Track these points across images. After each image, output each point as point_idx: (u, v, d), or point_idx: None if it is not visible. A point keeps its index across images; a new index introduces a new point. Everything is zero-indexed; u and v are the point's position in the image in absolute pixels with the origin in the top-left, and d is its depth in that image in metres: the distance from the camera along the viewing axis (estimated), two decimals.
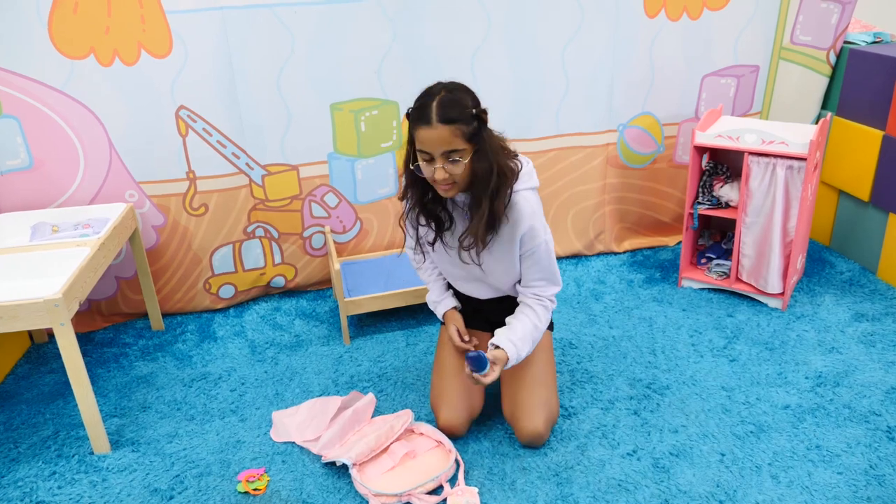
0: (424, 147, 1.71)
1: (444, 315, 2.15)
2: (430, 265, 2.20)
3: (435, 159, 1.71)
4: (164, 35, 2.39)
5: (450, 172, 1.73)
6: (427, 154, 1.72)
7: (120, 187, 2.57)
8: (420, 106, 1.73)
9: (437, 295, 2.18)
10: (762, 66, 3.00)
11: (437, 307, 2.17)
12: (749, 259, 2.69)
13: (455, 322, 2.12)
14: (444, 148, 1.69)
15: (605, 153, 2.97)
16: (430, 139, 1.69)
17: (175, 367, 2.52)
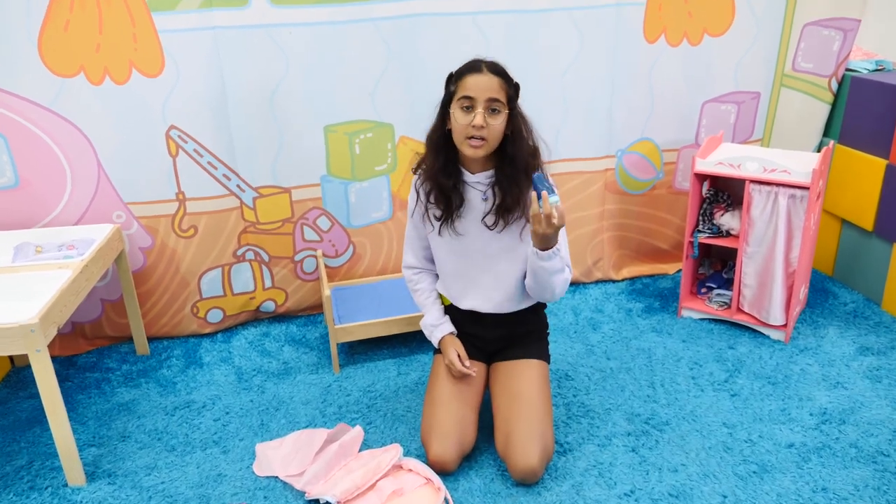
0: (469, 92, 1.78)
1: (442, 340, 2.08)
2: (427, 285, 2.14)
3: (477, 105, 1.77)
4: (156, 54, 2.34)
5: (488, 123, 1.78)
6: (470, 100, 1.78)
7: (107, 208, 2.51)
8: (469, 62, 1.84)
9: (434, 318, 2.11)
10: (763, 92, 2.96)
11: (433, 331, 2.10)
12: (750, 289, 2.62)
13: (454, 346, 2.05)
14: (489, 94, 1.77)
15: (604, 179, 2.92)
16: (479, 84, 1.77)
17: (158, 395, 2.44)
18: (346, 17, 2.45)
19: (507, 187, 1.88)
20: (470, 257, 2.00)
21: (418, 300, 2.16)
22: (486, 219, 1.93)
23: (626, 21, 2.68)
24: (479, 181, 1.93)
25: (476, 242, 1.97)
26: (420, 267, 2.15)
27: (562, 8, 2.61)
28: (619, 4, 2.65)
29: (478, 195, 1.94)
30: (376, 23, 2.48)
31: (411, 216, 2.07)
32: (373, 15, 2.47)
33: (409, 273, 2.16)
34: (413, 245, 2.12)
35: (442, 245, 2.03)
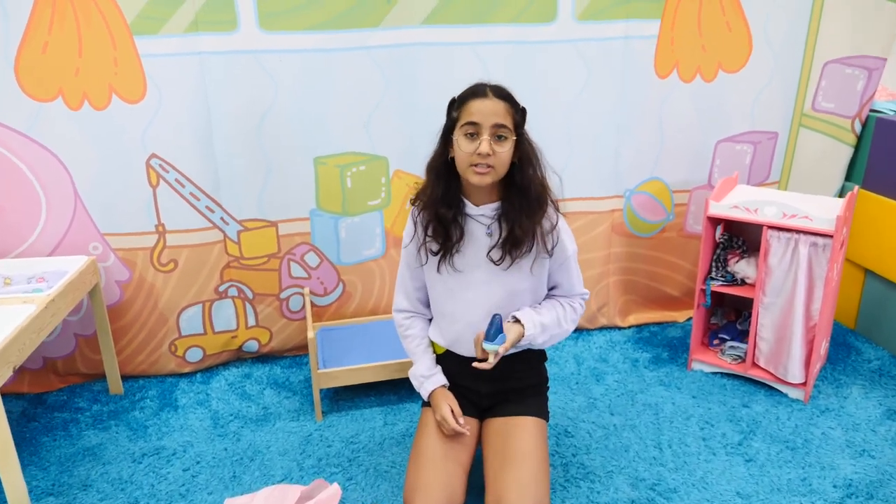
0: (474, 118, 1.66)
1: (433, 394, 1.90)
2: (419, 331, 1.97)
3: (482, 132, 1.66)
4: (138, 79, 2.23)
5: (494, 150, 1.66)
6: (474, 126, 1.66)
7: (83, 239, 2.39)
8: (472, 87, 1.72)
9: (424, 369, 1.93)
10: (781, 132, 2.80)
11: (423, 383, 1.92)
12: (767, 343, 2.43)
13: (447, 400, 1.87)
14: (494, 119, 1.65)
15: (611, 220, 2.77)
16: (483, 110, 1.66)
17: (127, 439, 2.28)
18: (340, 45, 2.33)
19: (516, 219, 1.74)
20: (470, 298, 1.83)
21: (408, 347, 1.99)
22: (492, 253, 1.78)
23: (635, 55, 2.55)
24: (483, 214, 1.78)
25: (478, 281, 1.82)
26: (412, 311, 1.98)
27: (567, 40, 2.49)
28: (629, 37, 2.52)
29: (481, 229, 1.79)
30: (371, 51, 2.37)
31: (405, 250, 1.90)
32: (368, 43, 2.35)
33: (400, 317, 1.99)
34: (406, 285, 1.95)
35: (439, 284, 1.87)
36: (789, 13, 2.63)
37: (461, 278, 1.82)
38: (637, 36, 2.53)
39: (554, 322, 1.84)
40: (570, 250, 1.85)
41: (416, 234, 1.84)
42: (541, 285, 1.87)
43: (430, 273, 1.87)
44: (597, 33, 2.50)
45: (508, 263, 1.78)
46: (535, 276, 1.82)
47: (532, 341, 1.79)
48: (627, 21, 2.50)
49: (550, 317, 1.84)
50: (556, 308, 1.87)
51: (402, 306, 1.97)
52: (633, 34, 2.52)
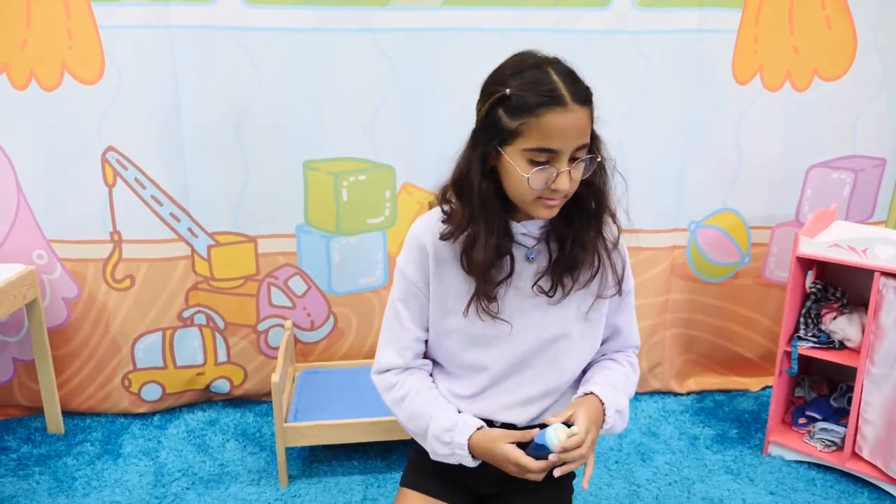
0: (551, 141, 1.11)
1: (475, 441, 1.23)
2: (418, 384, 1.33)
3: (560, 159, 1.13)
4: (95, 55, 1.87)
5: (574, 179, 1.15)
6: (551, 153, 1.12)
7: (26, 245, 2.02)
8: (539, 77, 1.13)
9: (447, 420, 1.27)
10: (890, 159, 2.24)
11: (454, 436, 1.25)
12: (874, 428, 1.84)
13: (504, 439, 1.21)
14: (579, 141, 1.13)
15: (671, 259, 2.23)
16: (566, 130, 1.11)
17: (47, 492, 1.84)
18: (339, 25, 1.93)
19: (571, 239, 1.23)
20: (500, 344, 1.28)
21: (412, 408, 1.32)
22: (542, 282, 1.24)
23: (709, 53, 2.06)
24: (526, 233, 1.25)
25: (520, 321, 1.27)
26: (404, 367, 1.37)
27: (624, 30, 2.02)
28: (702, 31, 2.03)
29: (521, 251, 1.26)
30: (376, 35, 1.95)
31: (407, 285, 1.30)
32: (373, 25, 1.94)
33: (390, 378, 1.35)
34: (402, 336, 1.34)
35: (457, 330, 1.30)
36: None
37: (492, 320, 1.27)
38: (712, 30, 2.04)
39: (622, 380, 1.31)
40: (632, 282, 1.35)
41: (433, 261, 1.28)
42: (596, 336, 1.32)
43: (448, 318, 1.30)
44: (662, 24, 2.03)
45: (561, 295, 1.25)
46: (591, 321, 1.28)
47: (620, 415, 1.25)
48: (701, 10, 2.02)
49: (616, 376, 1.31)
50: (613, 367, 1.33)
51: (391, 364, 1.35)
52: (707, 27, 2.03)
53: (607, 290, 1.24)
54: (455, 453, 1.23)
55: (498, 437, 1.20)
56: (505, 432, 1.21)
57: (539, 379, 1.29)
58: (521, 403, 1.30)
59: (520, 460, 1.15)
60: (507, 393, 1.30)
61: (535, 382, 1.29)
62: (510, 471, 1.19)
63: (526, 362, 1.28)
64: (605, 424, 1.23)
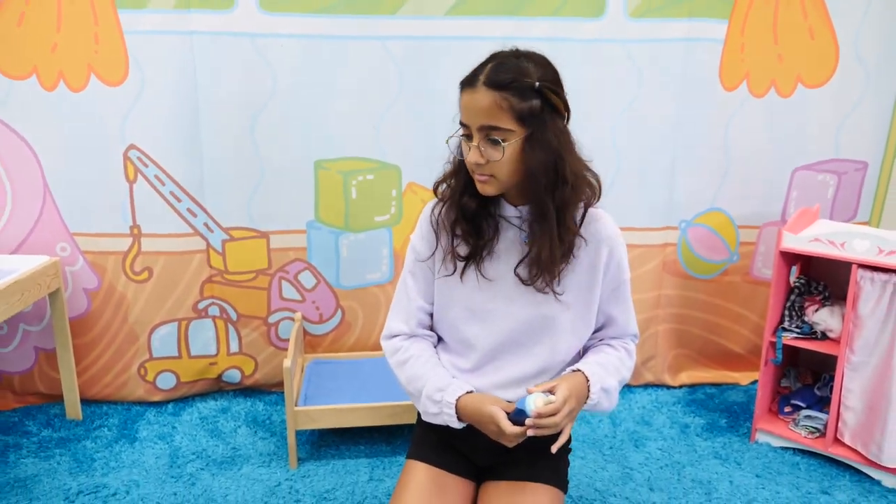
0: (463, 117, 1.29)
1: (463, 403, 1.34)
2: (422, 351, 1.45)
3: (472, 135, 1.27)
4: (120, 59, 1.98)
5: (487, 157, 1.26)
6: (466, 127, 1.29)
7: (51, 237, 2.12)
8: (474, 68, 1.31)
9: (438, 381, 1.39)
10: (872, 163, 2.35)
11: (443, 397, 1.36)
12: (855, 414, 1.93)
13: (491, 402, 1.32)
14: (482, 120, 1.25)
15: (662, 256, 2.34)
16: (469, 106, 1.27)
17: (68, 472, 1.93)
18: (350, 33, 2.04)
19: (539, 235, 1.32)
20: (498, 316, 1.40)
21: (411, 372, 1.43)
22: (519, 270, 1.35)
23: (698, 61, 2.18)
24: (519, 216, 1.36)
25: (508, 296, 1.39)
26: (410, 334, 1.48)
27: (617, 39, 2.14)
28: (690, 39, 2.15)
29: (517, 234, 1.37)
30: (386, 42, 2.07)
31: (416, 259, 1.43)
32: (382, 32, 2.06)
33: (396, 341, 1.47)
34: (409, 305, 1.46)
35: (460, 299, 1.42)
36: (885, 23, 2.22)
37: (490, 289, 1.38)
38: (700, 38, 2.16)
39: (615, 363, 1.40)
40: (627, 272, 1.42)
41: (440, 234, 1.40)
42: (587, 320, 1.41)
43: (450, 287, 1.42)
44: (653, 33, 2.14)
45: (541, 286, 1.34)
46: (580, 304, 1.38)
47: (607, 395, 1.35)
48: (690, 20, 2.14)
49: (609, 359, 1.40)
50: (608, 351, 1.42)
51: (398, 330, 1.47)
52: (695, 36, 2.15)
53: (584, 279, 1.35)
54: (443, 412, 1.33)
55: (486, 399, 1.31)
56: (494, 397, 1.33)
57: (532, 358, 1.39)
58: (516, 382, 1.39)
59: (500, 422, 1.26)
60: (502, 370, 1.39)
61: (528, 361, 1.39)
62: (489, 430, 1.29)
63: (518, 340, 1.38)
64: (590, 400, 1.33)
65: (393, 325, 1.46)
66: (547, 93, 1.26)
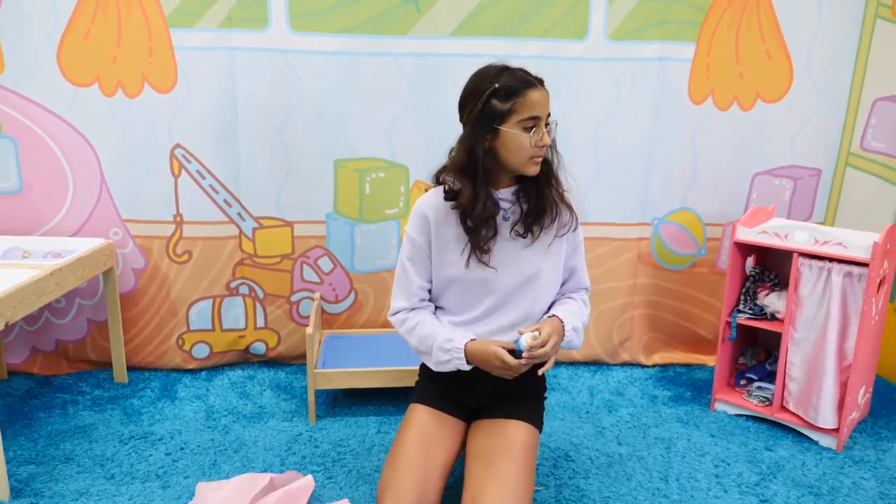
0: (534, 111, 1.60)
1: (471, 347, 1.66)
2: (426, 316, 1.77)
3: (541, 124, 1.62)
4: (170, 70, 2.32)
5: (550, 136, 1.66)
6: (534, 120, 1.61)
7: (105, 223, 2.45)
8: (514, 75, 1.62)
9: (446, 335, 1.70)
10: (825, 170, 2.66)
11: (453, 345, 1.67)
12: (797, 384, 2.24)
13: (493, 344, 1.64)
14: (549, 109, 1.65)
15: (638, 249, 2.65)
16: (540, 101, 1.61)
17: (119, 422, 2.26)
18: (367, 50, 2.37)
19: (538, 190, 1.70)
20: (495, 283, 1.72)
21: (420, 334, 1.75)
22: (517, 227, 1.70)
23: (669, 78, 2.50)
24: (503, 198, 1.71)
25: (504, 265, 1.71)
26: (412, 307, 1.82)
27: (598, 58, 2.46)
28: (662, 59, 2.47)
29: (502, 213, 1.71)
30: (398, 59, 2.40)
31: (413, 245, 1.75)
32: (395, 50, 2.39)
33: (401, 315, 1.81)
34: (409, 286, 1.79)
35: (461, 275, 1.73)
36: (834, 47, 2.54)
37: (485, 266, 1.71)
38: (671, 58, 2.48)
39: (576, 309, 1.77)
40: (580, 232, 1.81)
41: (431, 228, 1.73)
42: (559, 271, 1.78)
43: (449, 264, 1.74)
44: (629, 53, 2.46)
45: (531, 239, 1.71)
46: (553, 256, 1.74)
47: (576, 333, 1.72)
48: (662, 43, 2.46)
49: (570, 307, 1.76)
50: (568, 302, 1.79)
51: (401, 307, 1.80)
52: (667, 56, 2.47)
53: (562, 229, 1.70)
54: (453, 358, 1.66)
55: (489, 342, 1.66)
56: (495, 340, 1.67)
57: (518, 309, 1.73)
58: (505, 329, 1.73)
59: (503, 357, 1.61)
60: (495, 321, 1.74)
61: (515, 312, 1.73)
62: (494, 366, 1.63)
63: (509, 297, 1.72)
64: (566, 337, 1.69)
65: (396, 304, 1.80)
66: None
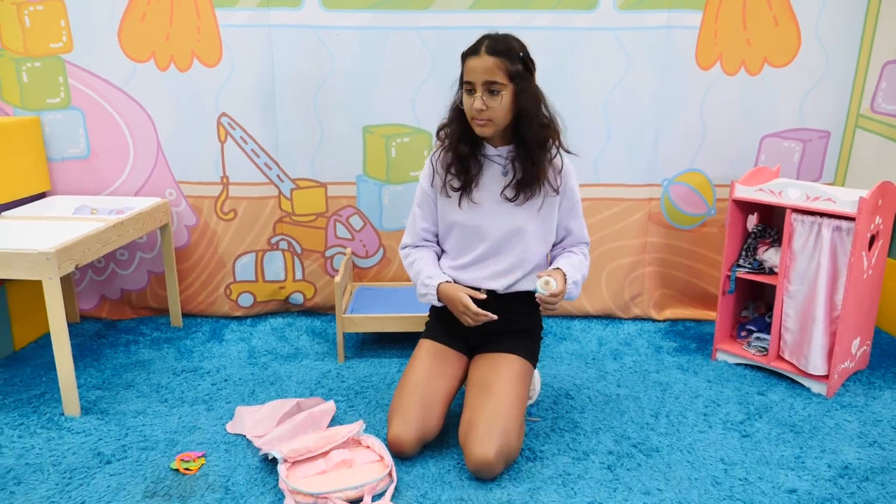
0: (469, 76, 1.83)
1: (443, 288, 1.95)
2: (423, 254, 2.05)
3: (476, 89, 1.81)
4: (216, 46, 2.59)
5: (487, 105, 1.81)
6: (470, 84, 1.83)
7: (162, 184, 2.75)
8: (474, 42, 1.87)
9: (428, 273, 1.99)
10: (834, 132, 2.74)
11: (430, 283, 1.97)
12: (791, 334, 2.37)
13: (461, 290, 1.93)
14: (485, 77, 1.80)
15: (648, 208, 2.80)
16: (475, 68, 1.81)
17: (174, 358, 2.57)
18: (392, 24, 2.59)
19: (524, 163, 1.90)
20: (486, 230, 1.97)
21: (414, 269, 2.04)
22: (506, 191, 1.93)
23: (677, 45, 2.62)
24: (499, 154, 1.95)
25: (492, 214, 1.96)
26: (415, 245, 2.10)
27: (608, 27, 2.60)
28: (670, 27, 2.60)
29: (498, 168, 1.95)
30: (420, 32, 2.60)
31: (421, 190, 2.03)
32: (417, 24, 2.59)
33: (405, 251, 2.10)
34: (415, 225, 2.07)
35: (459, 217, 1.98)
36: (842, 11, 2.61)
37: (479, 211, 1.96)
38: (679, 26, 2.60)
39: (576, 262, 1.99)
40: (578, 193, 2.00)
41: (436, 175, 2.00)
42: (549, 229, 2.00)
43: (450, 209, 2.00)
44: (638, 22, 2.60)
45: (522, 201, 1.93)
46: (543, 217, 1.97)
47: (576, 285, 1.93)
48: (670, 11, 2.59)
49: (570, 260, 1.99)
50: (568, 256, 2.01)
51: (408, 243, 2.11)
52: (674, 24, 2.60)
53: (550, 193, 1.89)
54: (428, 293, 1.95)
55: (459, 288, 1.92)
56: (465, 287, 1.94)
57: (508, 258, 1.95)
58: (497, 275, 1.97)
59: (467, 303, 1.88)
60: (487, 268, 1.97)
61: (506, 260, 1.95)
62: (458, 309, 1.90)
63: (499, 247, 1.94)
64: (566, 290, 1.90)
65: (405, 240, 2.10)
66: (526, 60, 1.86)
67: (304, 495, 1.73)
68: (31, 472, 1.87)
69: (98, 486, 1.81)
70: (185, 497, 1.77)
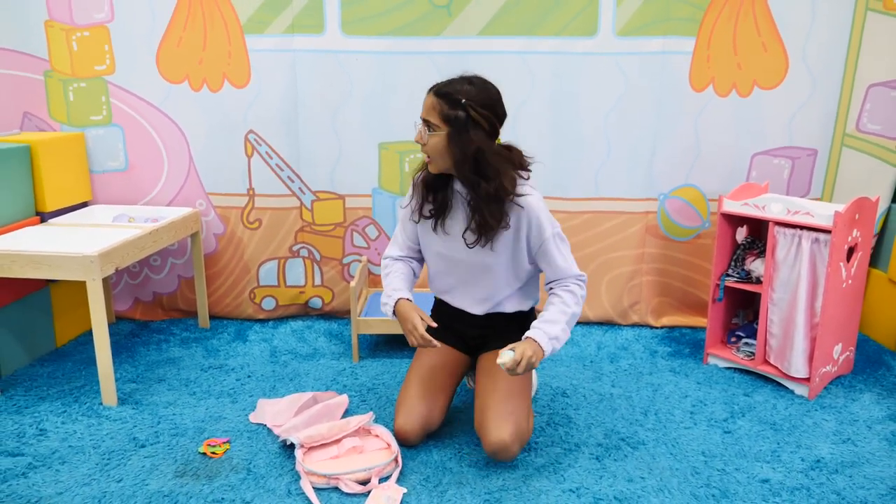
0: (422, 112, 1.97)
1: (399, 305, 2.04)
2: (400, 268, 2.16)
3: (423, 125, 1.95)
4: (245, 69, 2.82)
5: (422, 140, 1.95)
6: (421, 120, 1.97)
7: (193, 195, 2.98)
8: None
9: (390, 289, 2.09)
10: (821, 150, 2.90)
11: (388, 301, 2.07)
12: (776, 339, 2.52)
13: (415, 311, 2.01)
14: (424, 114, 1.95)
15: (645, 221, 2.97)
16: (424, 103, 1.96)
17: (201, 356, 2.78)
18: (406, 49, 2.80)
19: (476, 209, 1.95)
20: (457, 261, 2.10)
21: (387, 279, 2.14)
22: (467, 234, 2.01)
23: (672, 69, 2.80)
24: (461, 193, 2.03)
25: (465, 251, 2.05)
26: (397, 257, 2.22)
27: (607, 52, 2.79)
28: (666, 52, 2.78)
29: (464, 207, 2.02)
30: (432, 56, 2.81)
31: (402, 210, 2.19)
32: (430, 49, 2.80)
33: (387, 261, 2.21)
34: (398, 239, 2.21)
35: (434, 243, 2.13)
36: (827, 37, 2.77)
37: (450, 243, 2.08)
38: (674, 51, 2.79)
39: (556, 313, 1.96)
40: (548, 233, 1.97)
41: (415, 197, 2.13)
42: (518, 264, 2.05)
43: (427, 233, 2.14)
44: (635, 48, 2.79)
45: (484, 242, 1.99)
46: (509, 255, 2.03)
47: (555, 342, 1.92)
48: (665, 37, 2.77)
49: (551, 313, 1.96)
50: (554, 303, 1.99)
51: (390, 254, 2.22)
52: (670, 49, 2.78)
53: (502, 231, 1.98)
54: (388, 304, 2.08)
55: (413, 307, 2.03)
56: (419, 309, 2.03)
57: (481, 289, 2.12)
58: (474, 302, 2.14)
59: (416, 324, 1.98)
60: (465, 295, 2.15)
61: (479, 290, 2.12)
62: (406, 327, 2.02)
63: (469, 279, 2.11)
64: (545, 351, 1.90)
65: (387, 251, 2.24)
66: (469, 109, 1.90)
67: (318, 476, 1.92)
68: (73, 454, 2.09)
69: (133, 467, 2.02)
70: (211, 477, 1.97)
